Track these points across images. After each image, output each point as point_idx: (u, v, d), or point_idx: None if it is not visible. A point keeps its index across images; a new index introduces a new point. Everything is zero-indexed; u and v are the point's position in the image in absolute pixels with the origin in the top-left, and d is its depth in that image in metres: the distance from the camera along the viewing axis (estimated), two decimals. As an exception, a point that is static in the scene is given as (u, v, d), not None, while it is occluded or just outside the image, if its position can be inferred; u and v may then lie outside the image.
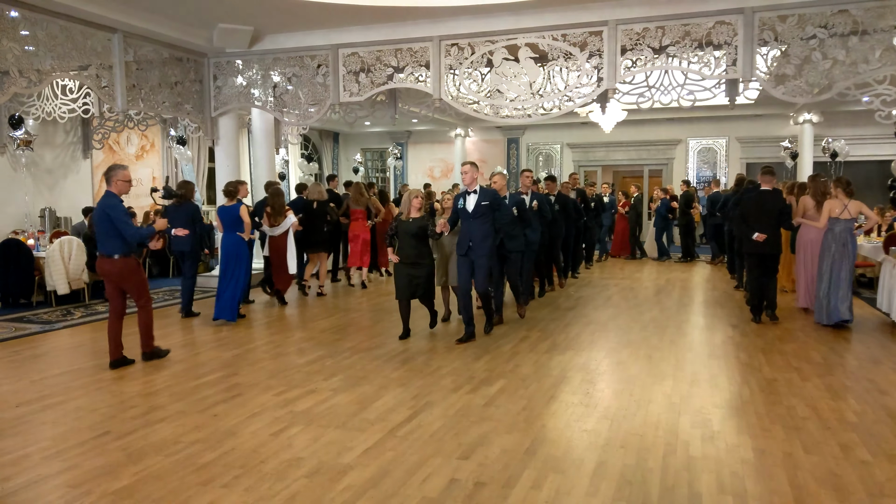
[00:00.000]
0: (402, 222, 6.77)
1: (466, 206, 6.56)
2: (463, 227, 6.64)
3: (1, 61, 7.32)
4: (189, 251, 8.15)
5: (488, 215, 6.53)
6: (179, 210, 8.03)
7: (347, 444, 4.03)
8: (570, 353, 6.18)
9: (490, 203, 6.52)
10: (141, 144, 14.38)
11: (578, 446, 3.95)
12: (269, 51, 9.95)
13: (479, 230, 6.49)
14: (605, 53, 8.29)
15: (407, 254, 6.70)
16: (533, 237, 8.27)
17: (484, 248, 6.51)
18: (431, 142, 20.79)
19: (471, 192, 6.57)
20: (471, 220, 6.52)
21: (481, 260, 6.51)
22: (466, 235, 6.55)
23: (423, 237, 6.68)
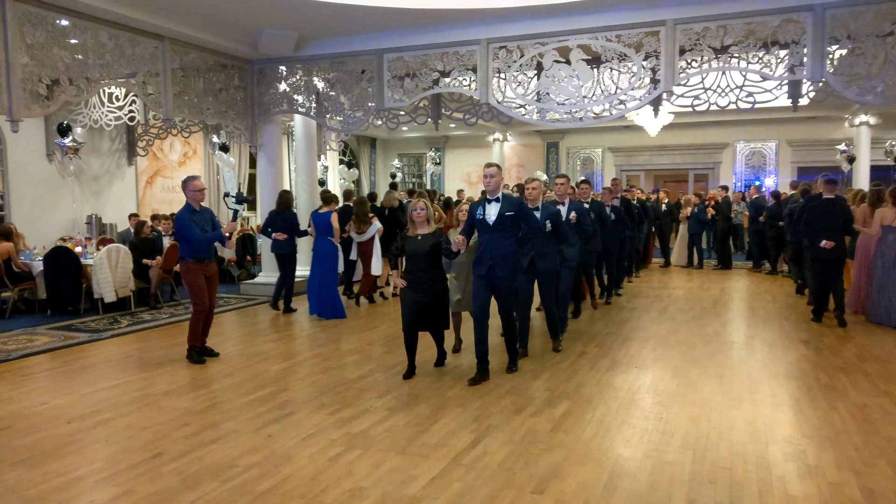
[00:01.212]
0: (410, 239, 5.63)
1: (487, 217, 5.51)
2: (482, 241, 5.60)
3: (52, 70, 7.28)
4: (287, 253, 8.94)
5: (513, 228, 5.54)
6: (280, 217, 8.87)
7: (411, 472, 3.79)
8: (635, 372, 5.87)
9: (515, 214, 5.51)
10: (184, 151, 14.42)
11: (662, 481, 3.64)
12: (312, 56, 9.83)
13: (501, 246, 5.49)
14: (662, 54, 7.96)
15: (416, 277, 5.59)
16: (570, 253, 7.11)
17: (507, 268, 5.50)
18: (469, 146, 20.58)
19: (492, 199, 5.55)
20: (491, 234, 5.50)
21: (504, 282, 5.51)
22: (487, 252, 5.50)
23: (435, 256, 5.59)
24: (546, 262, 6.28)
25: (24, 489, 3.60)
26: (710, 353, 6.56)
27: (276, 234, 8.73)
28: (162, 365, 6.31)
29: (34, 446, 4.23)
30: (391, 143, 21.66)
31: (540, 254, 6.23)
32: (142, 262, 9.27)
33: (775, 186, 16.34)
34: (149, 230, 9.82)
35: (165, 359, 6.55)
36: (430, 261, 5.56)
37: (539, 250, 6.21)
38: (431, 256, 5.56)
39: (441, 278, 5.72)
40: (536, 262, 6.24)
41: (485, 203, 5.59)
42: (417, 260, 5.57)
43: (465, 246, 5.38)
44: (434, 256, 5.57)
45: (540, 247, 6.19)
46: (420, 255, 5.55)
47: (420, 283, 5.57)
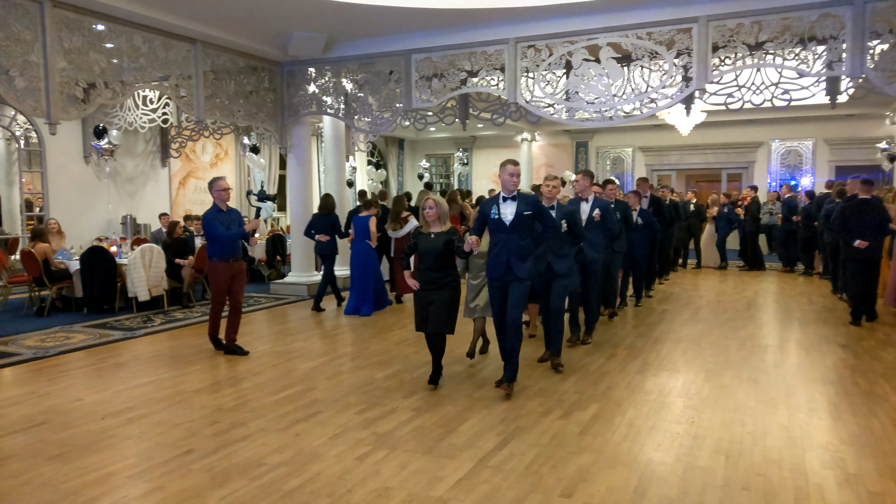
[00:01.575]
0: (423, 237, 5.42)
1: (503, 217, 5.16)
2: (496, 243, 5.24)
3: (88, 73, 7.43)
4: (329, 254, 9.36)
5: (529, 228, 5.21)
6: (323, 220, 9.28)
7: (437, 473, 3.77)
8: (665, 375, 5.77)
9: (533, 213, 5.16)
10: (216, 153, 14.62)
11: (694, 486, 3.57)
12: (341, 58, 9.88)
13: (518, 246, 5.14)
14: (695, 51, 7.82)
15: (427, 277, 5.33)
16: (593, 255, 6.76)
17: (524, 270, 5.16)
18: (497, 146, 20.48)
19: (508, 197, 5.20)
20: (508, 234, 5.16)
21: (520, 285, 5.16)
22: (503, 254, 5.16)
23: (447, 255, 5.32)
24: (562, 264, 5.94)
25: (59, 483, 3.66)
26: (744, 356, 6.43)
27: (319, 236, 9.16)
28: (193, 363, 6.40)
29: (69, 441, 4.31)
30: (419, 144, 21.69)
31: (556, 254, 5.92)
32: (174, 262, 9.42)
33: (812, 186, 16.01)
34: (181, 230, 9.97)
35: (196, 357, 6.63)
36: (441, 260, 5.31)
37: (555, 251, 5.90)
38: (444, 255, 5.30)
39: (453, 279, 5.40)
40: (552, 263, 5.92)
41: (499, 201, 5.22)
42: (429, 258, 5.34)
43: (477, 245, 5.04)
44: (446, 255, 5.32)
45: (556, 248, 5.89)
46: (432, 254, 5.32)
47: (431, 282, 5.33)
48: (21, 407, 5.06)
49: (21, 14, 6.75)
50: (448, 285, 5.33)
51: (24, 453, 4.12)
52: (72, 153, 11.68)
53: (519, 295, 5.19)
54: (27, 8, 6.81)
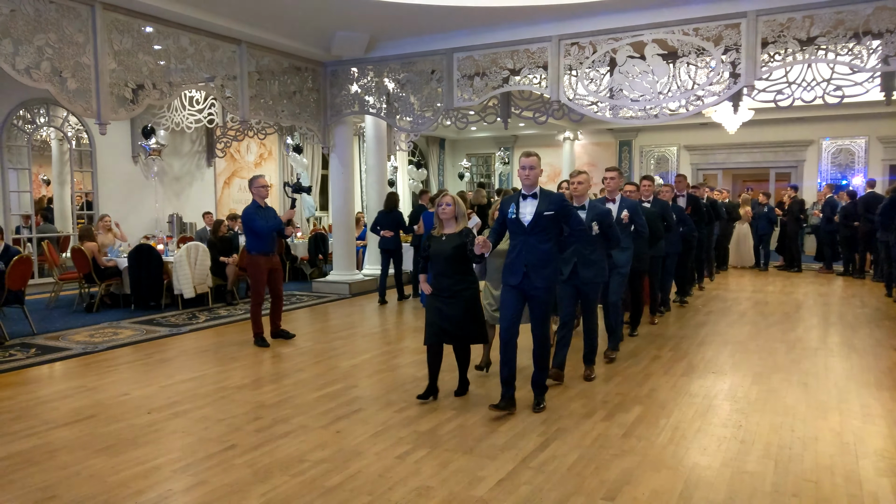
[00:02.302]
0: (435, 239, 4.98)
1: (521, 217, 4.65)
2: (514, 245, 4.73)
3: (137, 74, 7.61)
4: (394, 248, 9.84)
5: (552, 230, 4.67)
6: (388, 217, 9.81)
7: (478, 473, 3.74)
8: (712, 378, 5.63)
9: (556, 213, 4.63)
10: (259, 153, 14.84)
11: (741, 492, 3.47)
12: (383, 57, 9.92)
13: (538, 251, 4.61)
14: (743, 47, 7.62)
15: (440, 283, 4.91)
16: (621, 259, 6.22)
17: (545, 277, 4.62)
18: (539, 145, 20.31)
19: (528, 195, 4.70)
20: (527, 237, 4.65)
21: (541, 293, 4.63)
22: (520, 258, 4.65)
23: (461, 259, 4.86)
24: (591, 271, 5.36)
25: (106, 475, 3.75)
26: (794, 359, 6.23)
27: (384, 232, 9.74)
28: (236, 359, 6.49)
29: (116, 434, 4.41)
30: (460, 143, 21.68)
31: (584, 261, 5.35)
32: (219, 260, 9.59)
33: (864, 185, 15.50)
34: (226, 229, 10.15)
35: (239, 353, 6.73)
36: (454, 264, 4.85)
37: (583, 257, 5.34)
38: (456, 259, 4.84)
39: (470, 285, 4.93)
40: (580, 270, 5.35)
41: (519, 199, 4.71)
42: (440, 263, 4.91)
43: (488, 248, 4.59)
44: (459, 259, 4.85)
45: (585, 252, 5.34)
46: (442, 258, 4.88)
47: (444, 289, 4.89)
48: (70, 400, 5.20)
49: (73, 17, 6.95)
50: (462, 294, 4.86)
51: (73, 445, 4.23)
52: (121, 153, 12.00)
53: (543, 311, 4.69)
54: (79, 11, 7.01)
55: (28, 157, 10.98)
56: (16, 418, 4.76)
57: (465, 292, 4.89)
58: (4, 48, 6.35)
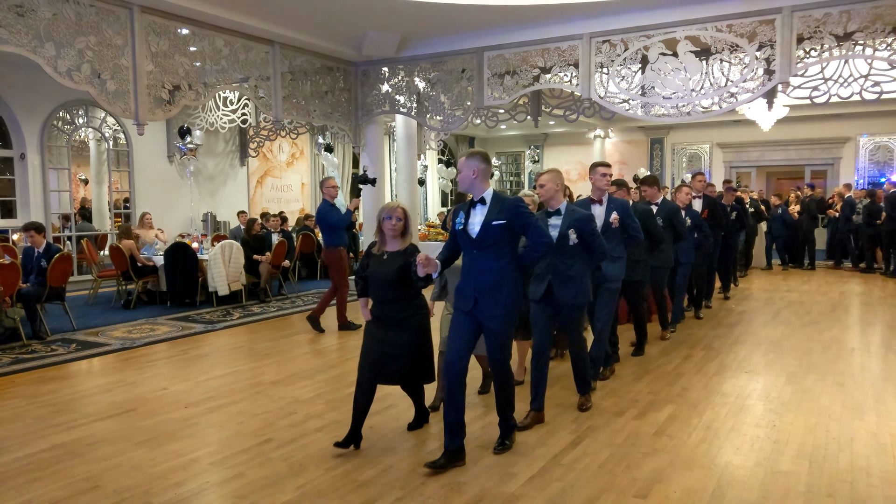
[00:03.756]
0: (375, 258, 4.11)
1: (469, 227, 3.82)
2: (464, 263, 3.94)
3: (173, 76, 7.77)
4: None
5: (506, 244, 3.80)
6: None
7: (509, 470, 3.77)
8: (745, 377, 5.58)
9: (509, 222, 3.75)
10: (291, 152, 15.03)
11: (775, 491, 3.44)
12: (414, 57, 9.97)
13: (489, 270, 3.77)
14: (778, 43, 7.51)
15: (380, 311, 4.09)
16: (612, 271, 5.17)
17: (500, 303, 3.77)
18: (568, 143, 20.24)
19: (477, 200, 3.84)
20: (475, 252, 3.82)
21: (496, 323, 3.80)
22: (469, 279, 3.85)
23: (404, 282, 3.99)
24: (569, 290, 4.43)
25: (147, 467, 3.86)
26: (829, 359, 6.14)
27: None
28: (270, 355, 6.60)
29: (155, 428, 4.53)
30: (489, 142, 21.67)
31: (560, 278, 4.43)
32: (252, 258, 9.74)
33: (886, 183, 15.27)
34: (259, 227, 10.30)
35: (273, 350, 6.84)
36: (398, 288, 4.01)
37: (559, 273, 4.42)
38: (400, 282, 3.98)
39: (417, 311, 4.08)
40: (555, 289, 4.43)
41: (469, 206, 3.88)
42: (380, 287, 4.05)
43: (434, 268, 3.77)
44: (404, 282, 3.99)
45: (561, 268, 4.42)
46: (383, 281, 4.01)
47: (385, 318, 4.05)
48: (110, 394, 5.35)
49: (112, 20, 7.13)
50: (408, 322, 4.03)
51: (114, 438, 4.35)
52: (157, 153, 12.25)
53: (497, 341, 3.87)
54: (118, 14, 7.18)
55: (68, 158, 11.27)
56: (58, 411, 4.91)
57: (412, 320, 4.04)
58: (47, 51, 6.54)
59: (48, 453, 4.07)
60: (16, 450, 4.12)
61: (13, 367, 6.05)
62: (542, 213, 4.54)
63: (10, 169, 10.64)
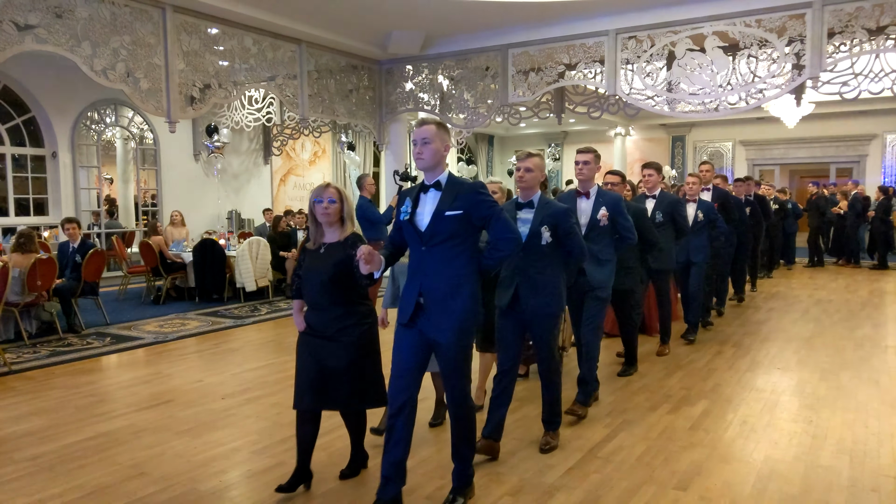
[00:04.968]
0: (310, 253, 3.43)
1: (417, 218, 3.13)
2: (410, 262, 3.23)
3: (203, 74, 7.87)
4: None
5: (462, 240, 3.09)
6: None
7: (547, 462, 3.79)
8: (778, 374, 5.55)
9: (465, 214, 3.06)
10: (314, 151, 15.13)
11: (817, 485, 3.43)
12: (438, 55, 10.00)
13: (440, 273, 3.08)
14: (808, 38, 7.45)
15: (318, 318, 3.37)
16: (598, 276, 4.46)
17: (451, 313, 3.06)
18: (589, 141, 20.11)
19: (430, 185, 3.13)
20: (425, 249, 3.10)
21: (447, 338, 3.07)
22: (415, 281, 3.14)
23: (348, 281, 3.24)
24: (540, 298, 3.72)
25: (190, 455, 3.93)
26: (863, 356, 6.09)
27: None
28: (300, 350, 6.66)
29: (195, 418, 4.60)
30: (509, 140, 21.66)
31: (530, 283, 3.72)
32: (279, 254, 9.84)
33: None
34: (285, 224, 10.40)
35: (303, 344, 6.90)
36: (337, 289, 3.27)
37: (528, 278, 3.72)
38: (340, 281, 3.25)
39: (362, 319, 3.36)
40: (523, 296, 3.72)
41: (419, 192, 3.18)
42: (315, 287, 3.31)
43: (379, 265, 3.02)
44: (344, 281, 3.24)
45: (531, 272, 3.72)
46: (319, 280, 3.28)
47: (321, 327, 3.34)
48: (148, 386, 5.44)
49: (146, 20, 7.24)
50: (348, 332, 3.29)
51: (156, 427, 4.43)
52: (183, 151, 12.39)
53: (452, 366, 3.13)
54: (151, 14, 7.29)
55: (97, 156, 11.44)
56: (99, 402, 5.01)
57: (352, 331, 3.30)
58: (84, 51, 6.65)
59: (93, 441, 4.15)
60: (62, 438, 4.21)
61: (52, 360, 6.17)
62: (510, 204, 3.86)
63: (42, 167, 10.82)
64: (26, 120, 10.57)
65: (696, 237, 6.59)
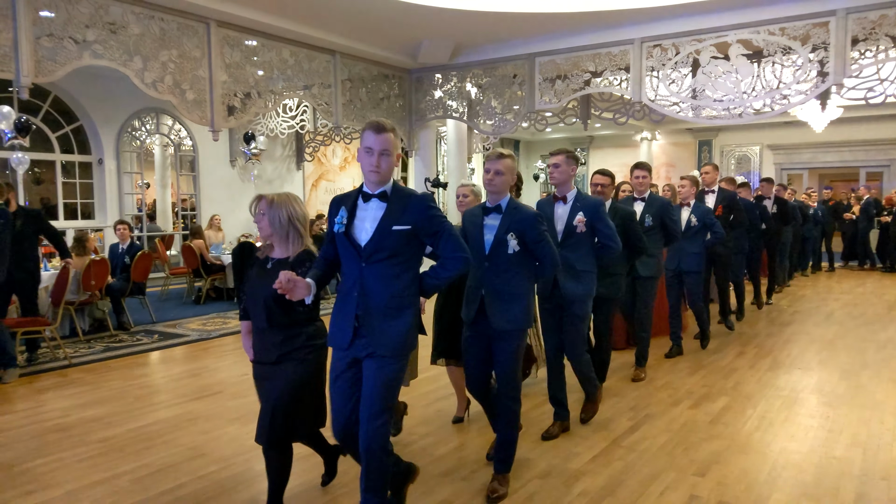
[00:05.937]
0: (258, 266, 3.17)
1: (354, 231, 2.83)
2: (345, 280, 2.88)
3: (244, 85, 8.27)
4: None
5: (408, 257, 2.83)
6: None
7: (573, 450, 4.05)
8: (798, 373, 5.73)
9: (414, 229, 2.79)
10: (344, 157, 15.52)
11: (829, 474, 3.64)
12: (466, 63, 10.30)
13: (381, 292, 2.79)
14: (832, 46, 7.60)
15: (260, 341, 3.08)
16: (575, 291, 4.07)
17: (389, 338, 2.77)
18: (615, 146, 20.30)
19: (373, 194, 2.83)
20: (365, 267, 2.79)
21: (382, 367, 2.76)
22: (349, 302, 2.82)
23: (288, 304, 2.92)
24: (505, 313, 3.39)
25: (243, 440, 4.25)
26: (884, 357, 6.23)
27: None
28: (337, 347, 6.99)
29: (244, 408, 4.93)
30: (534, 145, 21.88)
31: (496, 295, 3.41)
32: (313, 257, 10.20)
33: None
34: (318, 228, 10.77)
35: (339, 342, 7.23)
36: (276, 311, 2.97)
37: (494, 290, 3.41)
38: (280, 303, 2.93)
39: (303, 345, 3.01)
40: (489, 311, 3.42)
41: (356, 200, 2.87)
42: (255, 307, 3.04)
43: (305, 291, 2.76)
44: (286, 303, 2.92)
45: (496, 283, 3.41)
46: (263, 299, 2.97)
47: (263, 352, 3.05)
48: (198, 378, 5.80)
49: (192, 34, 7.65)
50: (292, 358, 2.99)
51: (209, 415, 4.77)
52: (220, 158, 12.85)
53: (375, 397, 2.74)
54: (196, 29, 7.70)
55: (140, 163, 11.94)
56: (154, 392, 5.38)
57: (295, 355, 2.99)
58: (135, 64, 7.07)
59: (154, 426, 4.51)
60: (125, 423, 4.57)
61: (106, 354, 6.58)
62: (477, 209, 3.58)
63: (88, 173, 11.34)
64: (75, 128, 11.10)
65: (688, 243, 6.20)
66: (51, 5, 6.44)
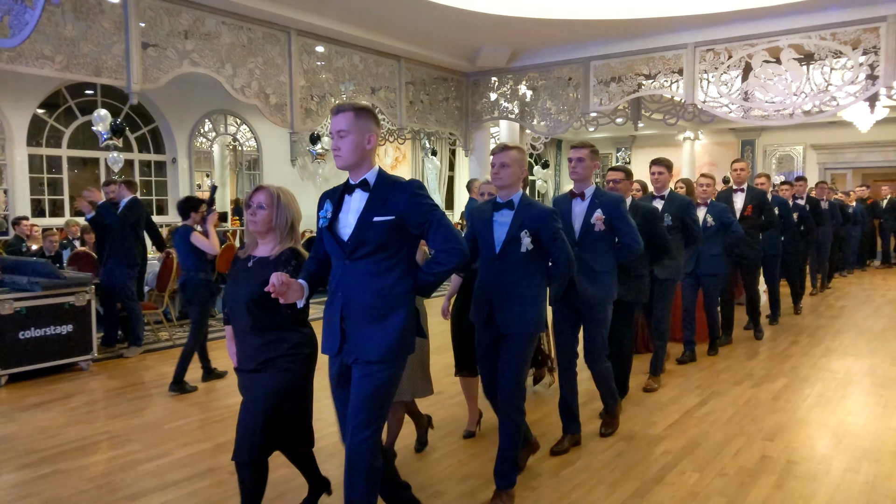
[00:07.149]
0: (239, 267, 2.97)
1: (339, 226, 2.65)
2: (332, 278, 2.70)
3: (319, 89, 8.87)
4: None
5: (394, 252, 2.61)
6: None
7: (650, 419, 4.52)
8: (851, 359, 6.11)
9: (399, 219, 2.57)
10: (395, 156, 16.13)
11: (888, 441, 4.06)
12: (522, 67, 10.76)
13: (367, 290, 2.59)
14: (882, 50, 7.91)
15: (241, 345, 2.89)
16: (595, 293, 3.88)
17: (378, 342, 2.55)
18: (657, 145, 20.52)
19: (355, 184, 2.64)
20: (346, 264, 2.60)
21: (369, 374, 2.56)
22: (335, 303, 2.64)
23: (271, 306, 2.72)
24: (517, 315, 3.24)
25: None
26: (933, 347, 6.57)
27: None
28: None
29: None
30: (577, 145, 22.21)
31: (506, 298, 3.25)
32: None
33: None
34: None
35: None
36: (258, 314, 2.80)
37: (504, 290, 3.26)
38: (262, 305, 2.76)
39: (292, 347, 2.83)
40: (497, 313, 3.26)
41: (342, 193, 2.69)
42: (236, 309, 2.86)
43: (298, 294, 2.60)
44: (268, 305, 2.72)
45: (507, 283, 3.26)
46: (243, 300, 2.81)
47: (245, 357, 2.87)
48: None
49: (275, 43, 8.26)
50: (274, 365, 2.79)
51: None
52: (282, 157, 13.54)
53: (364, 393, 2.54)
54: (279, 37, 8.32)
55: (211, 162, 12.66)
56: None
57: (277, 363, 2.79)
58: (227, 71, 7.71)
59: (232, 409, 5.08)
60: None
61: (204, 337, 7.22)
62: (486, 204, 3.44)
63: (163, 172, 12.09)
64: (151, 129, 11.85)
65: (706, 244, 5.78)
66: (156, 18, 7.10)
